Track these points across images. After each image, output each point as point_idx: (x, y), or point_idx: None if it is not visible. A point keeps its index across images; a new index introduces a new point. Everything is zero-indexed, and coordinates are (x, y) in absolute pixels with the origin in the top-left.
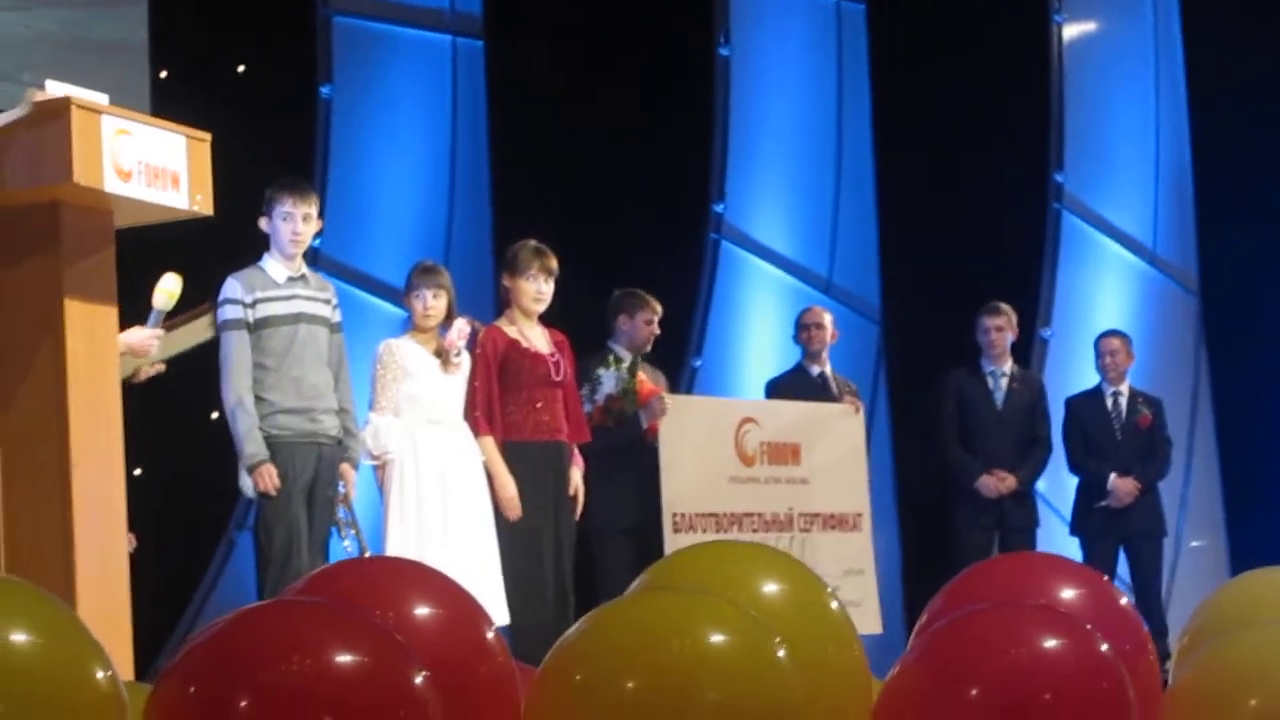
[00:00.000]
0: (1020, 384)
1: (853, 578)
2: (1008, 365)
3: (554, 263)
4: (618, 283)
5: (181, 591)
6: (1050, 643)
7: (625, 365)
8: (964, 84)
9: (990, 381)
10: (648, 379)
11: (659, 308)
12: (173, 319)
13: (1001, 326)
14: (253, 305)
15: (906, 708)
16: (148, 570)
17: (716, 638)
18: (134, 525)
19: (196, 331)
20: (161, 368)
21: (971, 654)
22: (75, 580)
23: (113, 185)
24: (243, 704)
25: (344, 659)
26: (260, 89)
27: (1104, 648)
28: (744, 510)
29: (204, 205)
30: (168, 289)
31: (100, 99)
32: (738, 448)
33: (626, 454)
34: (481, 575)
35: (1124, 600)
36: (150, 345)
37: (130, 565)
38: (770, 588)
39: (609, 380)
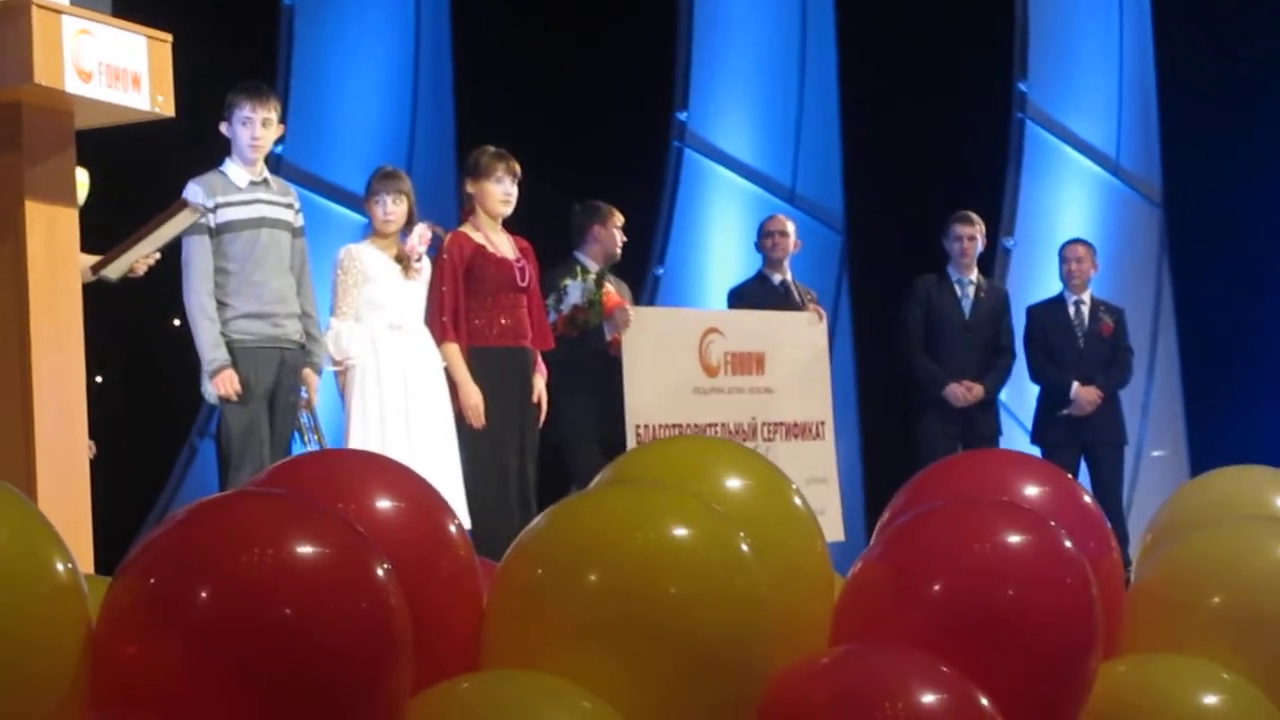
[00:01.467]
0: (987, 293)
1: (816, 486)
2: (974, 274)
3: (517, 166)
4: (581, 191)
5: (144, 498)
6: (1013, 538)
7: (592, 276)
8: None
9: (958, 290)
10: (614, 291)
11: (621, 217)
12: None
13: (974, 235)
14: (214, 210)
15: (869, 603)
16: (110, 477)
17: (679, 531)
18: (95, 433)
19: (183, 220)
20: (157, 256)
21: (934, 549)
22: (36, 480)
23: (73, 86)
24: (202, 595)
25: (304, 550)
26: None
27: (1068, 544)
28: (708, 421)
29: (165, 106)
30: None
31: (64, 4)
32: (701, 358)
33: (592, 364)
34: (443, 480)
35: (1087, 498)
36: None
37: (90, 472)
38: (734, 483)
39: (575, 291)
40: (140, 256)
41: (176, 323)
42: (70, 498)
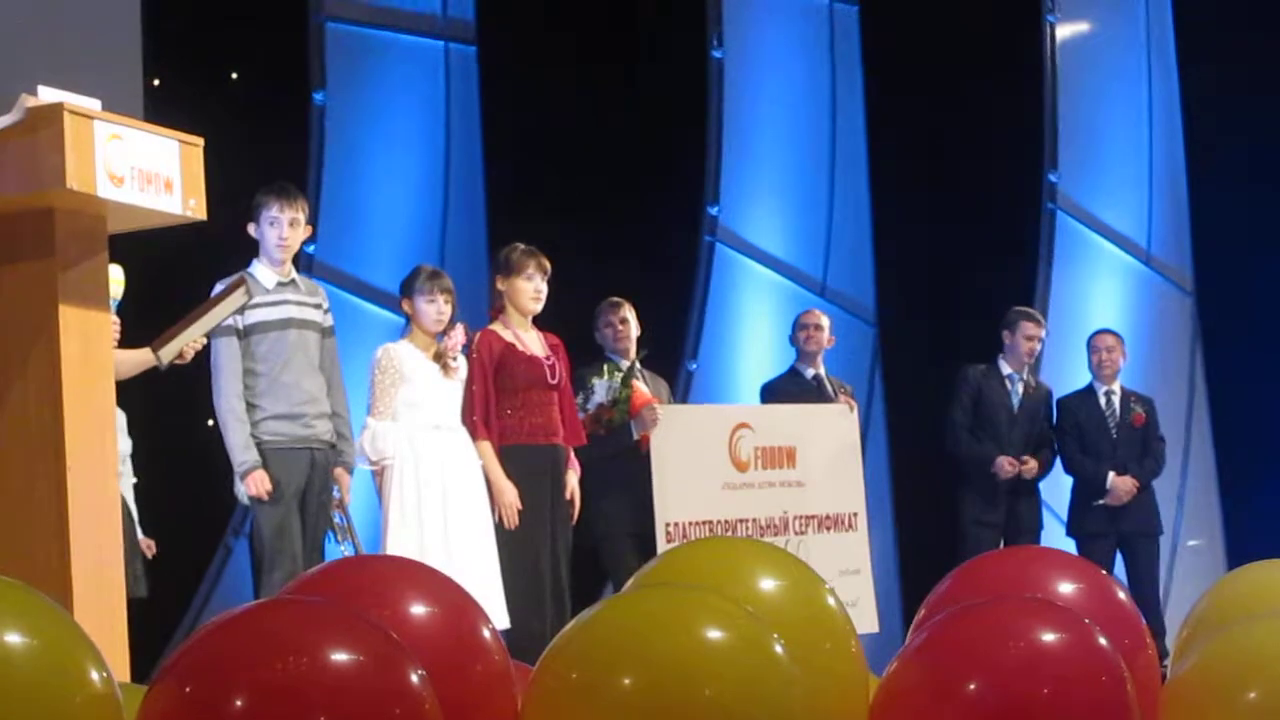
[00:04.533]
0: (1034, 389)
1: (849, 577)
2: (1026, 372)
3: (547, 262)
4: (613, 287)
5: (178, 599)
6: (1049, 637)
7: (619, 375)
8: (957, 84)
9: (1008, 384)
10: (646, 388)
11: (625, 312)
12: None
13: (1040, 336)
14: (242, 311)
15: (904, 703)
16: (145, 577)
17: (713, 634)
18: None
19: (236, 300)
20: (203, 342)
21: (969, 648)
22: (71, 585)
23: (106, 190)
24: (237, 703)
25: (339, 657)
26: (253, 95)
27: (1103, 642)
28: (738, 516)
29: (197, 210)
30: (115, 279)
31: (93, 105)
32: (731, 454)
33: (624, 461)
34: (482, 580)
35: (1122, 595)
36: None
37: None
38: (767, 584)
39: (601, 389)
40: (192, 340)
41: (211, 423)
42: (105, 597)
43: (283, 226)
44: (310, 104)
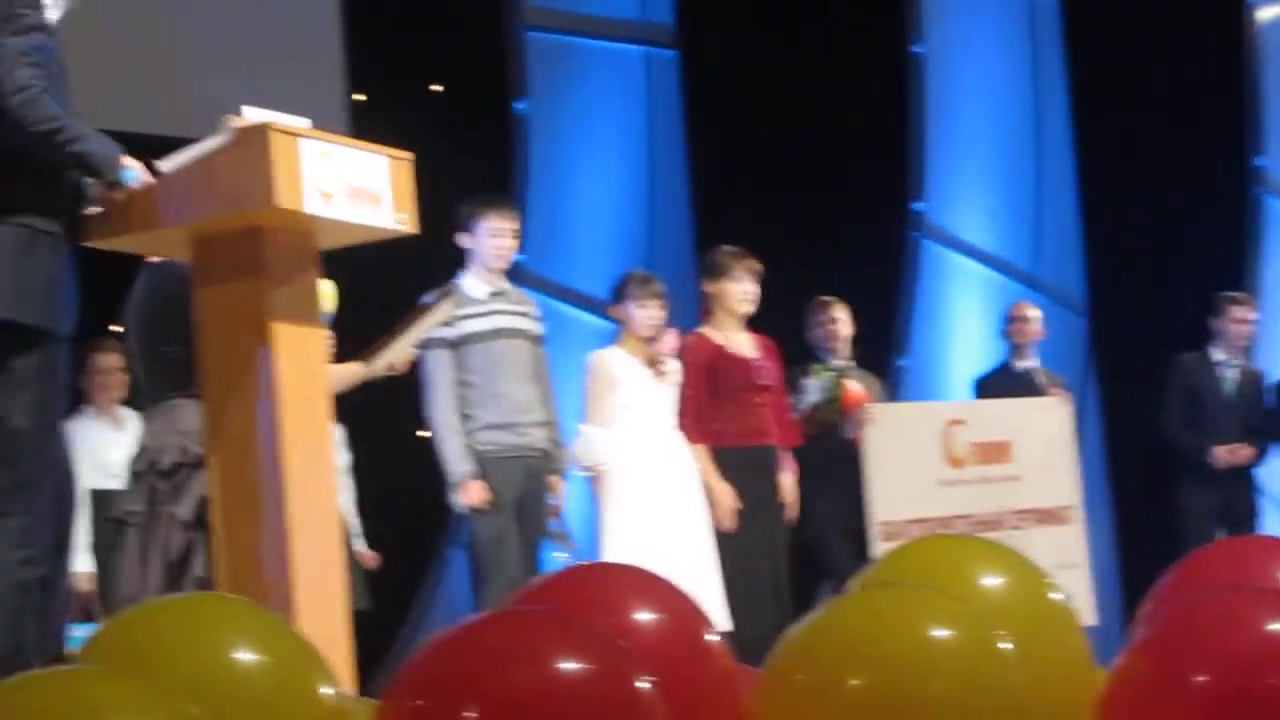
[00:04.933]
0: (1247, 374)
1: (1066, 571)
2: (1240, 356)
3: (756, 264)
4: (821, 286)
5: (397, 609)
6: None
7: (831, 374)
8: (1161, 70)
9: (1220, 370)
10: (858, 387)
11: (836, 311)
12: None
13: (1251, 319)
14: (452, 323)
15: (1135, 696)
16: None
17: (939, 632)
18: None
19: (446, 309)
20: (414, 353)
21: (1202, 641)
22: (295, 599)
23: (314, 207)
24: (470, 716)
25: (568, 667)
26: (456, 107)
27: None
28: (954, 513)
29: (407, 224)
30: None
31: (300, 122)
32: (946, 450)
33: (838, 460)
34: (700, 583)
35: None
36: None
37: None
38: (990, 580)
39: (813, 389)
40: (402, 351)
41: (425, 435)
42: (328, 610)
43: (503, 237)
44: (513, 113)
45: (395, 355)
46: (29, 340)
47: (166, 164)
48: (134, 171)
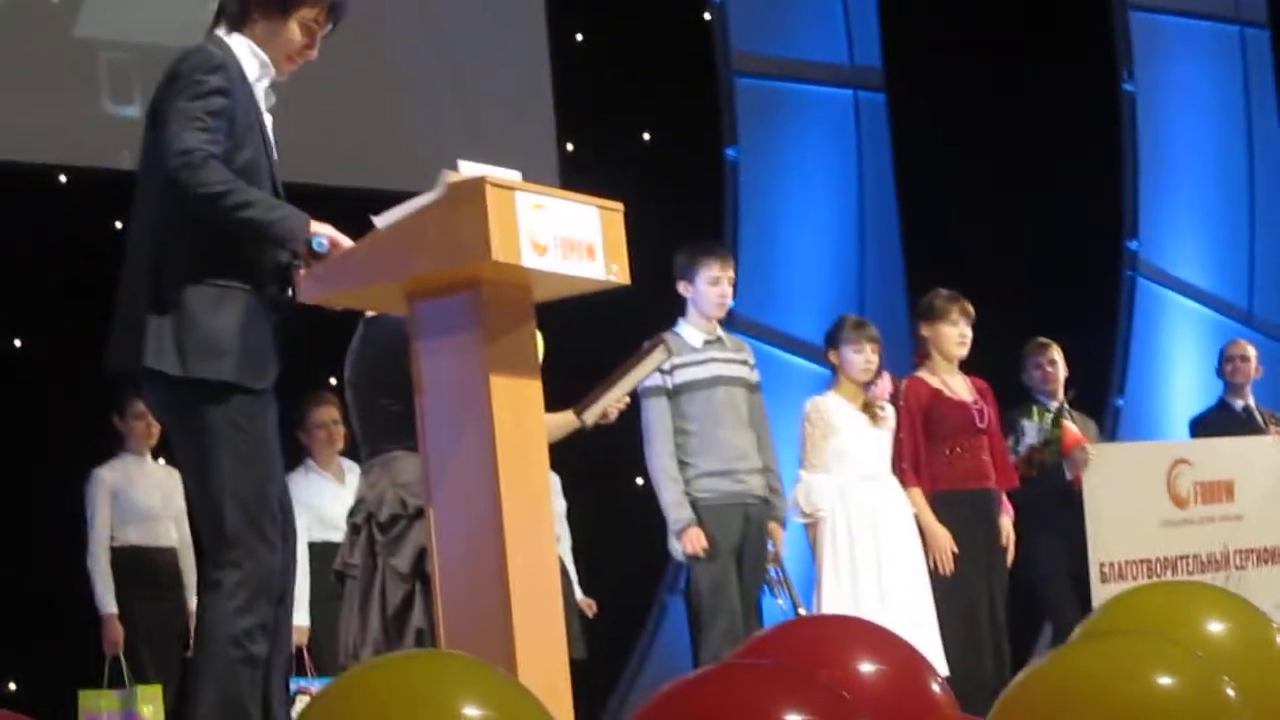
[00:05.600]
0: None
1: None
2: None
3: (970, 307)
4: (1035, 328)
5: (615, 658)
6: None
7: (1049, 416)
8: None
9: None
10: (1075, 428)
11: (1053, 353)
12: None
13: None
14: (670, 371)
15: None
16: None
17: (1164, 680)
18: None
19: (656, 359)
20: (627, 400)
21: None
22: (514, 649)
23: (530, 260)
24: None
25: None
26: (666, 155)
27: None
28: (1177, 553)
29: (620, 275)
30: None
31: (513, 176)
32: (1170, 490)
33: (1057, 501)
34: (918, 627)
35: None
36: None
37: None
38: (1215, 626)
39: (1031, 431)
40: (614, 400)
41: (639, 481)
42: (548, 665)
43: (723, 285)
44: (723, 160)
45: (608, 404)
46: (221, 396)
47: (382, 219)
48: (323, 240)
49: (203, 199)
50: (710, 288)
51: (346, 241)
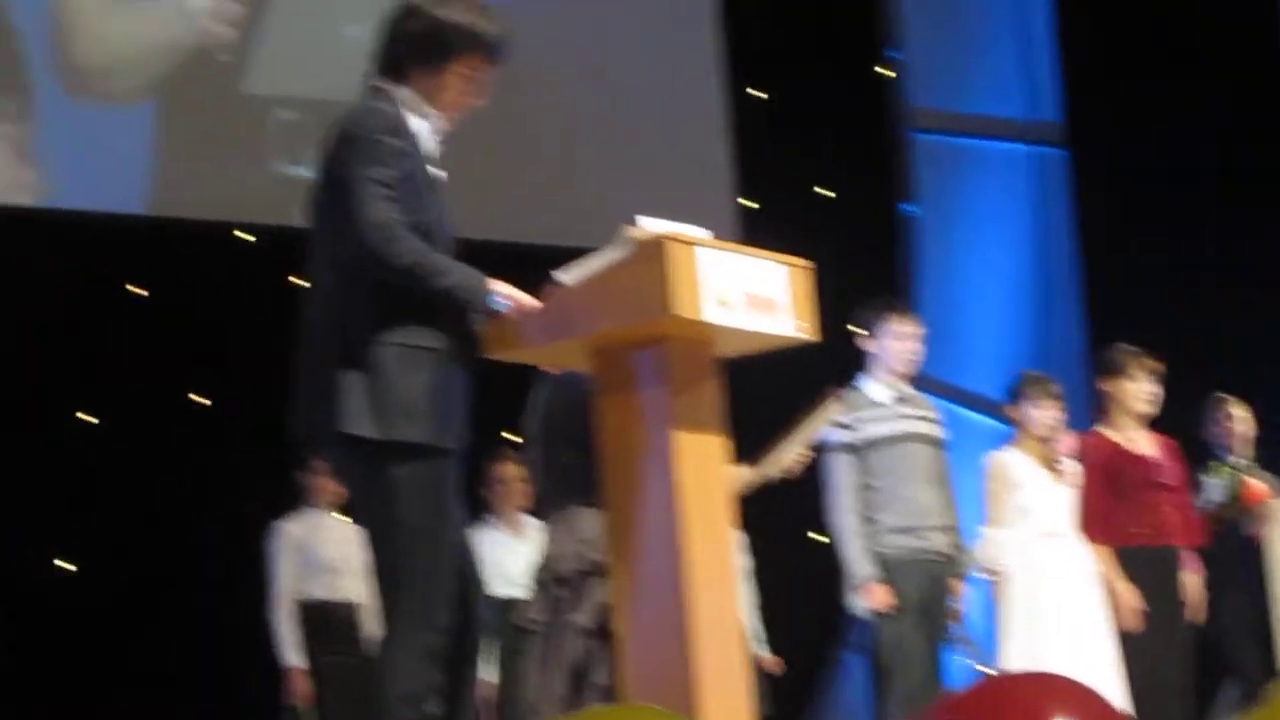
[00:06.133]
0: None
1: None
2: None
3: (1155, 363)
4: (1221, 384)
5: (798, 715)
6: None
7: (1231, 471)
8: None
9: None
10: (1257, 483)
11: (1234, 409)
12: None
13: None
14: (854, 427)
15: None
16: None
17: None
18: None
19: (830, 411)
20: (808, 456)
21: None
22: (699, 706)
23: (714, 316)
24: None
25: None
26: (844, 210)
27: None
28: None
29: (808, 331)
30: None
31: (696, 231)
32: None
33: (1243, 557)
34: (1103, 685)
35: None
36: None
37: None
38: None
39: (1214, 488)
40: (795, 453)
41: (817, 536)
42: (734, 717)
43: (908, 340)
44: (902, 216)
45: (787, 458)
46: (412, 457)
47: (565, 276)
48: (503, 300)
49: (398, 271)
50: (895, 343)
51: (527, 300)
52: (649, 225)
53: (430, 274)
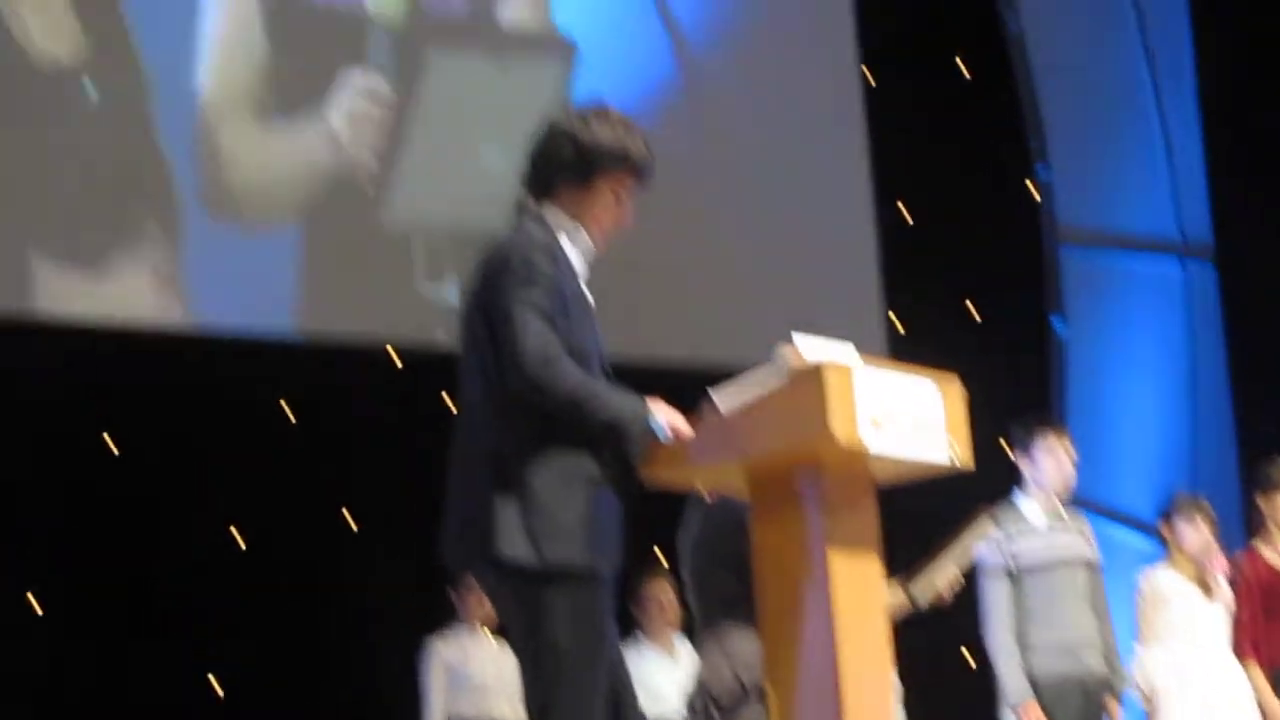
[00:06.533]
0: None
1: None
2: None
3: None
4: None
5: None
6: None
7: None
8: None
9: None
10: None
11: None
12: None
13: None
14: (1009, 545)
15: None
16: None
17: None
18: None
19: (981, 529)
20: (962, 581)
21: None
22: None
23: (869, 439)
24: None
25: None
26: (993, 326)
27: None
28: None
29: (961, 455)
30: None
31: (850, 351)
32: None
33: None
34: None
35: None
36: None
37: None
38: None
39: None
40: (949, 575)
41: (969, 657)
42: None
43: (1063, 459)
44: (1050, 331)
45: (941, 580)
46: (568, 582)
47: (720, 398)
48: (662, 426)
49: (556, 397)
50: (1049, 461)
51: (685, 426)
52: (803, 344)
53: (589, 400)
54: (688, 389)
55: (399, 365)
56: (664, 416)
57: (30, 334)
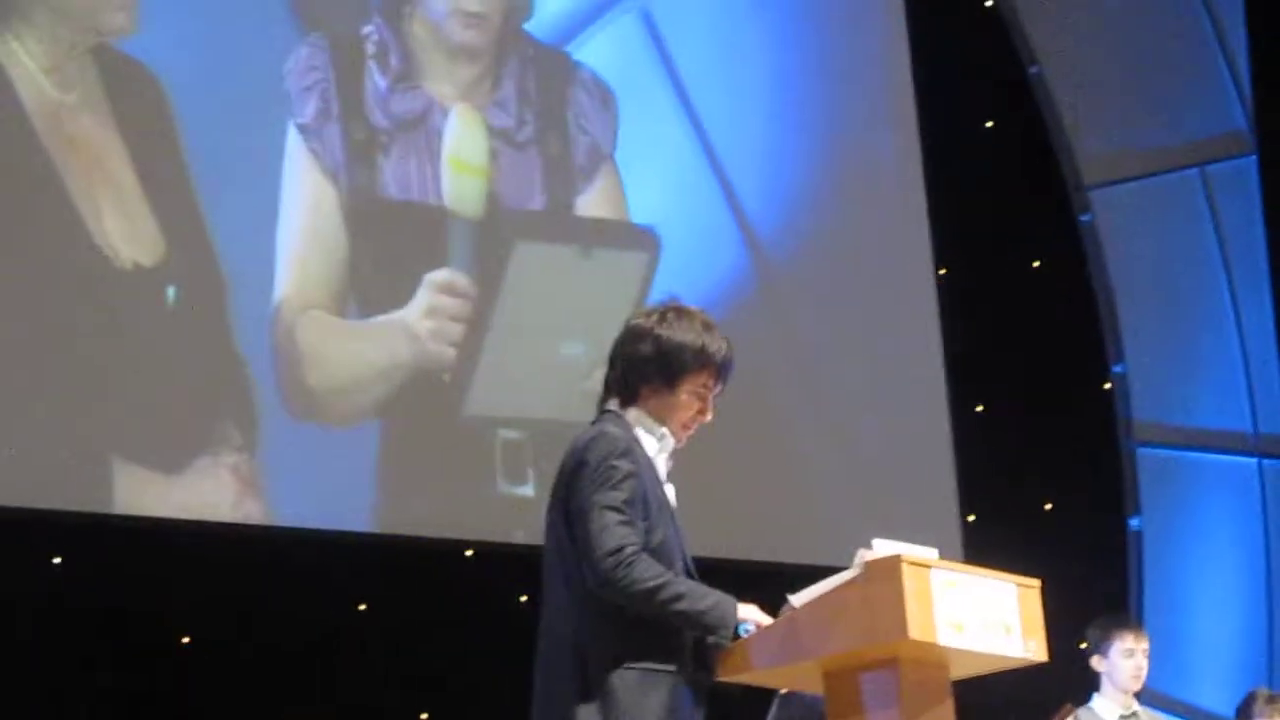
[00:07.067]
0: None
1: None
2: None
3: None
4: None
5: None
6: None
7: None
8: None
9: None
10: None
11: None
12: None
13: None
14: None
15: None
16: None
17: None
18: None
19: None
20: None
21: None
22: None
23: (947, 639)
24: None
25: None
26: (1069, 524)
27: None
28: None
29: (1037, 652)
30: None
31: (927, 552)
32: None
33: None
34: None
35: None
36: None
37: None
38: None
39: None
40: None
41: None
42: None
43: (1139, 657)
44: (1127, 530)
45: None
46: None
47: (799, 598)
48: (750, 625)
49: (638, 597)
50: (1125, 660)
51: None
52: (882, 546)
53: (674, 598)
54: (768, 590)
55: (476, 562)
56: (753, 616)
57: (110, 530)
